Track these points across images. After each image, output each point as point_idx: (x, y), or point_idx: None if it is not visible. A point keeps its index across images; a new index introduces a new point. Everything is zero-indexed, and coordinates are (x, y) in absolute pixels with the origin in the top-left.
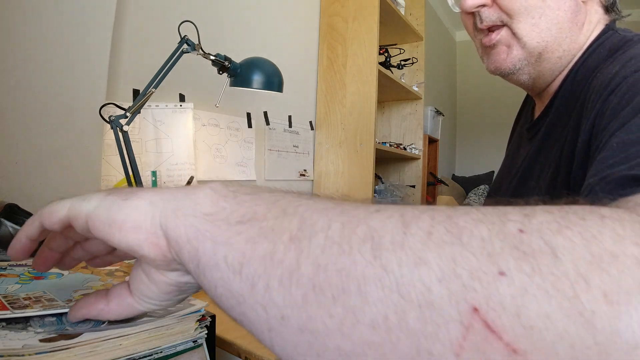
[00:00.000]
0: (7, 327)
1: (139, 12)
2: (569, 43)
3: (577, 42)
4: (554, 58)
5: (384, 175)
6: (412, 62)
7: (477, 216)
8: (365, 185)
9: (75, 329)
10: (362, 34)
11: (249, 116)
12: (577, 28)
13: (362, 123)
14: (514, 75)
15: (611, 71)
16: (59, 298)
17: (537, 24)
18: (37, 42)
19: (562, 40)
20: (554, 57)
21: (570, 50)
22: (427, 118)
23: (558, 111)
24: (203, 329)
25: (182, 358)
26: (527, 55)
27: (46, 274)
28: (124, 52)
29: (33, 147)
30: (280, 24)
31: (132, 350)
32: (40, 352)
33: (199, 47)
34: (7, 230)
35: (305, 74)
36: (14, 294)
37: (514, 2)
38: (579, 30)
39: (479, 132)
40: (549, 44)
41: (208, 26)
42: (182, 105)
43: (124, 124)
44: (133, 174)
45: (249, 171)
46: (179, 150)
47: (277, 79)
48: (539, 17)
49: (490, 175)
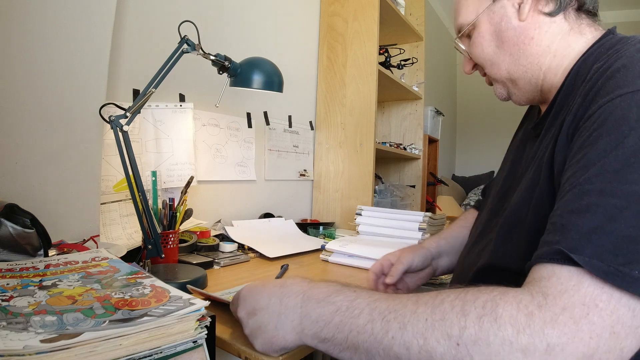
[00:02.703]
0: (8, 327)
1: (139, 12)
2: (547, 62)
3: (572, 50)
4: (533, 79)
5: (384, 175)
6: (412, 62)
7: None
8: (365, 185)
9: (76, 329)
10: (362, 34)
11: (249, 116)
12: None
13: (362, 123)
14: (512, 101)
15: (595, 82)
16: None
17: (498, 67)
18: (37, 42)
19: (533, 65)
20: (532, 78)
21: (557, 63)
22: (427, 118)
23: (557, 109)
24: (203, 329)
25: (182, 358)
26: (504, 84)
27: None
28: (124, 52)
29: (33, 147)
30: (280, 24)
31: (132, 350)
32: (40, 352)
33: (199, 47)
34: (7, 230)
35: (305, 74)
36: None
37: (476, 57)
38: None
39: (479, 132)
40: (516, 73)
41: (208, 26)
42: (182, 105)
43: (124, 124)
44: (133, 174)
45: (249, 171)
46: (179, 150)
47: (277, 79)
48: (498, 64)
49: (490, 175)
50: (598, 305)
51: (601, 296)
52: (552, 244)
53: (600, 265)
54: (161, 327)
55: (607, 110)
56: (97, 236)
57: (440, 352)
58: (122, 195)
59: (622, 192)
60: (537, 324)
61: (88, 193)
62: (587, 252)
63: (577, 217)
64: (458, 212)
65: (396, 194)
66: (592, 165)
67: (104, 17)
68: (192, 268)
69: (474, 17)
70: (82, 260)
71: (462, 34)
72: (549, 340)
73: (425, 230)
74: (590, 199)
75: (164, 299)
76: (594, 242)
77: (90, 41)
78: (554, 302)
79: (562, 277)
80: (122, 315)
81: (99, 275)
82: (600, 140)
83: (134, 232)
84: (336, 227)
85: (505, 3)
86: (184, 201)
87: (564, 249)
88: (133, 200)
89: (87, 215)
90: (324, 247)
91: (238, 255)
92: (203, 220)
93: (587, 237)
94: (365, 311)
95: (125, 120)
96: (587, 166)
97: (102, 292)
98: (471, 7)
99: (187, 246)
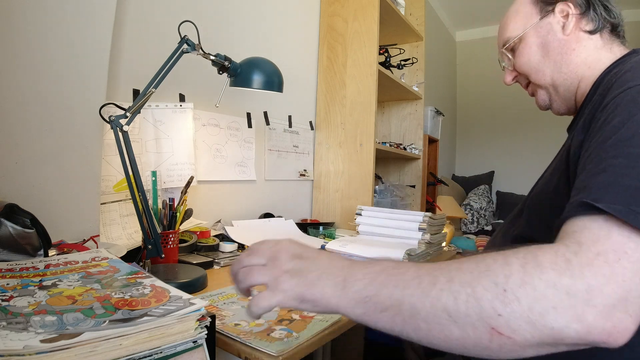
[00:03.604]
0: (8, 327)
1: (139, 12)
2: (578, 70)
3: (602, 64)
4: (571, 87)
5: (384, 175)
6: (412, 62)
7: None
8: (365, 185)
9: (76, 329)
10: (362, 34)
11: (249, 116)
12: (579, 61)
13: (362, 123)
14: (551, 111)
15: (610, 82)
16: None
17: (543, 73)
18: (38, 42)
19: (572, 73)
20: (571, 86)
21: (585, 72)
22: (427, 118)
23: (581, 113)
24: (203, 329)
25: (182, 358)
26: (547, 90)
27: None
28: (124, 52)
29: (33, 147)
30: (280, 24)
31: (132, 350)
32: (40, 352)
33: (199, 47)
34: (7, 230)
35: (305, 74)
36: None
37: (521, 65)
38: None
39: (479, 132)
40: (558, 80)
41: (208, 26)
42: (182, 105)
43: (124, 124)
44: (133, 174)
45: (249, 171)
46: (179, 150)
47: (277, 79)
48: (543, 70)
49: (490, 175)
50: (627, 252)
51: (629, 244)
52: (577, 200)
53: (621, 209)
54: (161, 327)
55: (619, 99)
56: (97, 236)
57: (488, 299)
58: (122, 195)
59: (632, 155)
60: (576, 267)
61: (88, 193)
62: (607, 199)
63: (595, 177)
64: (458, 212)
65: (396, 194)
66: (607, 139)
67: (104, 17)
68: (192, 268)
69: (521, 31)
70: (82, 260)
71: (507, 47)
72: (588, 281)
73: (425, 230)
74: (606, 163)
75: (164, 299)
76: (610, 192)
77: (90, 41)
78: (588, 249)
79: (592, 228)
80: (122, 315)
81: (99, 275)
82: (614, 120)
83: (134, 232)
84: (336, 227)
85: (552, 20)
86: (184, 201)
87: (588, 200)
88: (133, 200)
89: (87, 215)
90: (324, 247)
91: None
92: (203, 220)
93: (605, 189)
94: (412, 269)
95: (125, 120)
96: (604, 141)
97: (102, 292)
98: (520, 22)
99: (187, 246)
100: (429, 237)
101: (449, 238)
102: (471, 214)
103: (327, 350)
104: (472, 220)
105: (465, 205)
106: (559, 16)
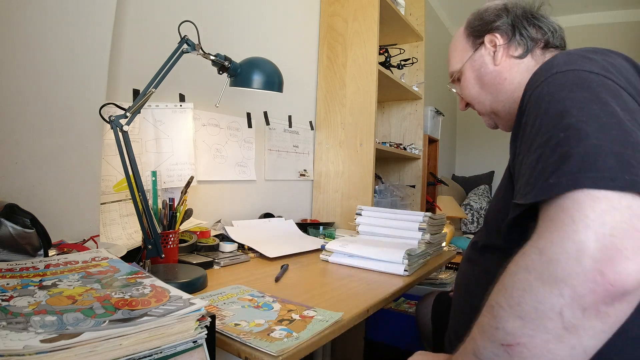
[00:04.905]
0: (8, 327)
1: (139, 12)
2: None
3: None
4: (511, 109)
5: (384, 175)
6: (412, 62)
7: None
8: (365, 185)
9: (76, 329)
10: (362, 34)
11: (249, 116)
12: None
13: (362, 123)
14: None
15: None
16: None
17: (483, 103)
18: (38, 42)
19: (509, 99)
20: (510, 109)
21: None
22: (427, 118)
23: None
24: (203, 329)
25: (182, 358)
26: (489, 117)
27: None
28: (124, 52)
29: (33, 147)
30: (280, 24)
31: (132, 350)
32: (40, 352)
33: (199, 47)
34: (7, 230)
35: (305, 74)
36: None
37: (465, 97)
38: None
39: (479, 132)
40: (497, 107)
41: (208, 26)
42: (182, 105)
43: (124, 124)
44: (133, 174)
45: (249, 171)
46: (179, 150)
47: (277, 79)
48: (482, 101)
49: (490, 175)
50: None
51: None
52: (531, 188)
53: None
54: (161, 327)
55: (532, 97)
56: (97, 236)
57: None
58: (122, 195)
59: (559, 128)
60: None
61: (88, 193)
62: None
63: (533, 165)
64: (458, 212)
65: (396, 194)
66: (532, 135)
67: (104, 17)
68: (192, 268)
69: (460, 66)
70: (82, 260)
71: (453, 79)
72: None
73: (425, 230)
74: (537, 149)
75: (164, 298)
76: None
77: (90, 41)
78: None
79: (574, 199)
80: (122, 315)
81: (99, 275)
82: (529, 118)
83: (134, 232)
84: (336, 227)
85: (483, 52)
86: (184, 201)
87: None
88: (133, 200)
89: (87, 215)
90: (324, 247)
91: (238, 255)
92: (203, 220)
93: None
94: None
95: (125, 120)
96: (529, 137)
97: (102, 292)
98: (458, 58)
99: (187, 246)
100: (429, 237)
101: (449, 238)
102: (471, 214)
103: (327, 350)
104: (472, 220)
105: (465, 205)
106: (489, 47)
